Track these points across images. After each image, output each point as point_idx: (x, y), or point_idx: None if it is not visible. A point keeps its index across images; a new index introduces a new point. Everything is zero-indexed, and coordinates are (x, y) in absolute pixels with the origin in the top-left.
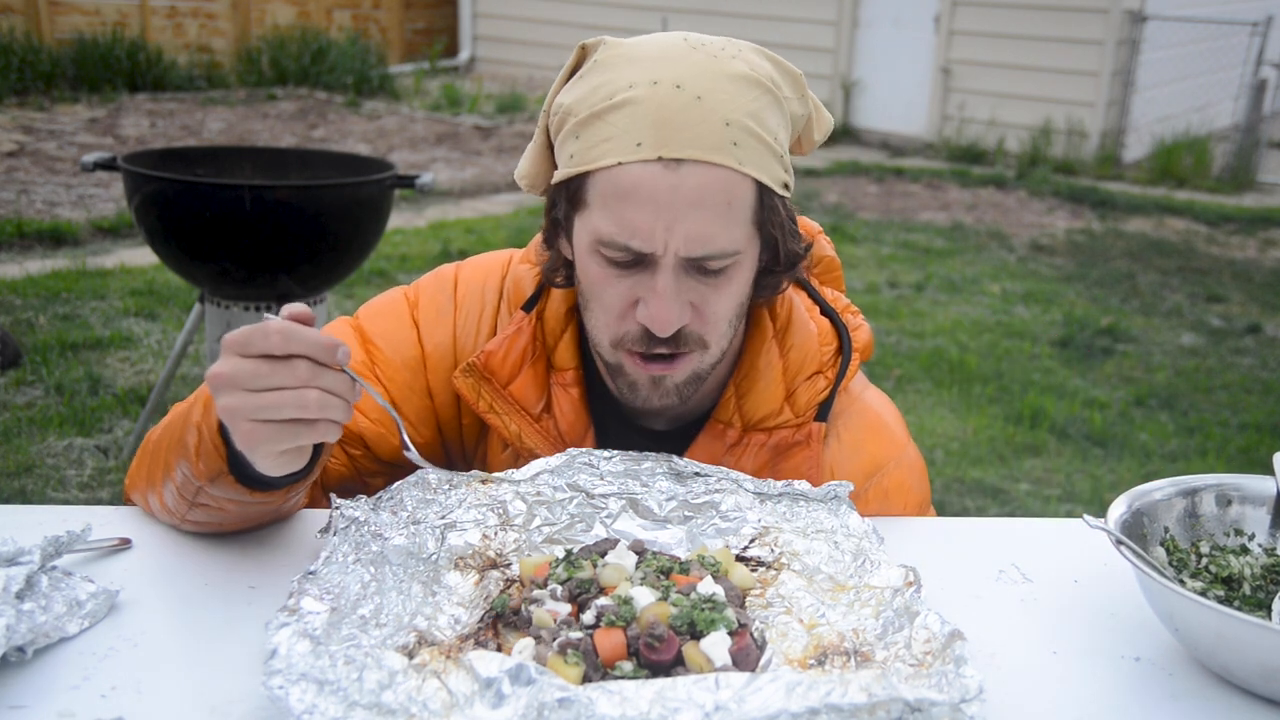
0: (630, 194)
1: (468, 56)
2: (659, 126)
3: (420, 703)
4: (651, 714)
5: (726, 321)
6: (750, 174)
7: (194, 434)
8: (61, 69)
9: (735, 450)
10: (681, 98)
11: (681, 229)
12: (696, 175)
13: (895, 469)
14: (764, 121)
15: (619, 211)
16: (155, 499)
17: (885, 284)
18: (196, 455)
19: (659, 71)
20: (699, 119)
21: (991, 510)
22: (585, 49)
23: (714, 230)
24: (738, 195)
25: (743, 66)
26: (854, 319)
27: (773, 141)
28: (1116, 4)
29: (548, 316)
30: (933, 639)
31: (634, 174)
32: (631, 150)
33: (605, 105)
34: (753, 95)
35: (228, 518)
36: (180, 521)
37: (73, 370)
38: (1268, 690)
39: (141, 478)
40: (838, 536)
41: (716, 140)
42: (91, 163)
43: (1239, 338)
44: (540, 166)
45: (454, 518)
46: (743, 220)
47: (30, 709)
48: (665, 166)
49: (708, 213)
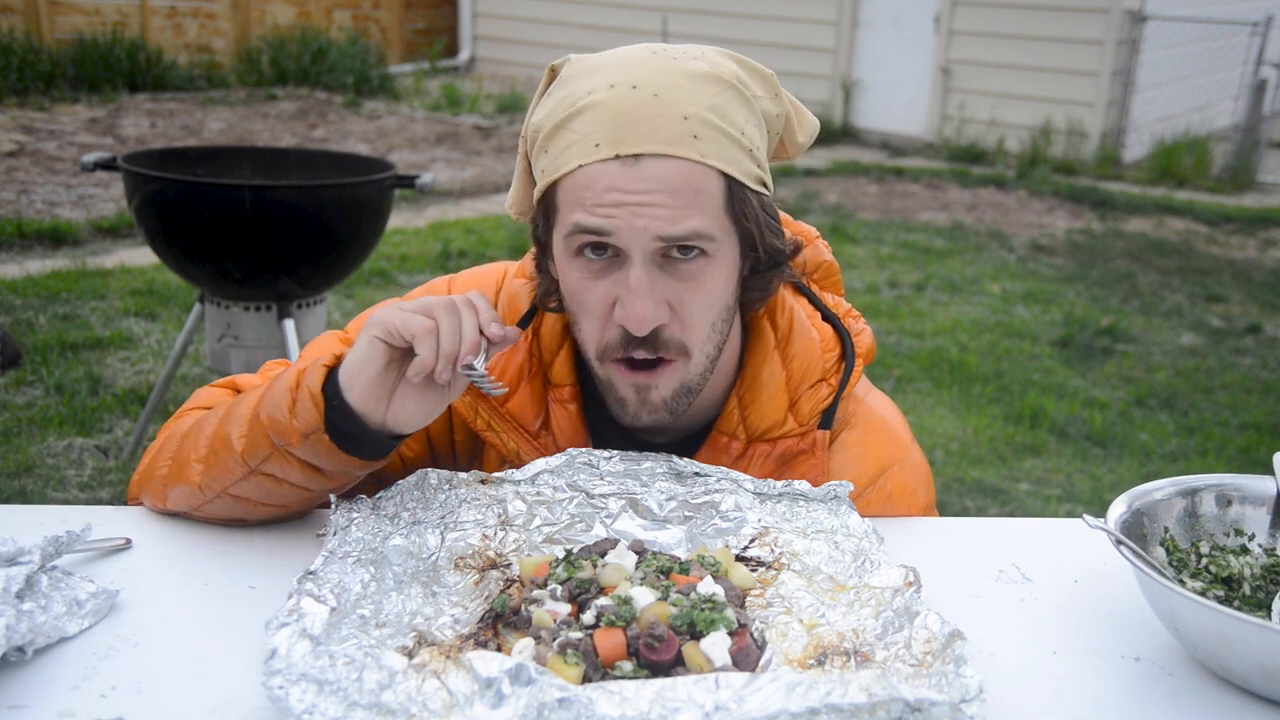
0: (591, 188)
1: (468, 56)
2: (615, 125)
3: (420, 703)
4: (651, 714)
5: (708, 324)
6: (714, 165)
7: (286, 397)
8: (61, 69)
9: (740, 462)
10: (637, 96)
11: (646, 215)
12: (656, 167)
13: (899, 472)
14: (727, 115)
15: (584, 204)
16: (182, 486)
17: (885, 284)
18: (291, 414)
19: (617, 75)
20: (655, 114)
21: (991, 510)
22: (554, 69)
23: (679, 214)
24: (704, 186)
25: (703, 65)
26: (856, 324)
27: (739, 135)
28: (1116, 4)
29: (544, 332)
30: (933, 639)
31: (593, 172)
32: (591, 151)
33: (566, 114)
34: (713, 90)
35: (279, 493)
36: (206, 502)
37: (73, 370)
38: (1268, 690)
39: (163, 464)
40: (838, 537)
41: (674, 133)
42: (91, 163)
43: (1239, 338)
44: (524, 191)
45: (454, 518)
46: (713, 210)
47: (30, 709)
48: (623, 164)
49: (672, 199)
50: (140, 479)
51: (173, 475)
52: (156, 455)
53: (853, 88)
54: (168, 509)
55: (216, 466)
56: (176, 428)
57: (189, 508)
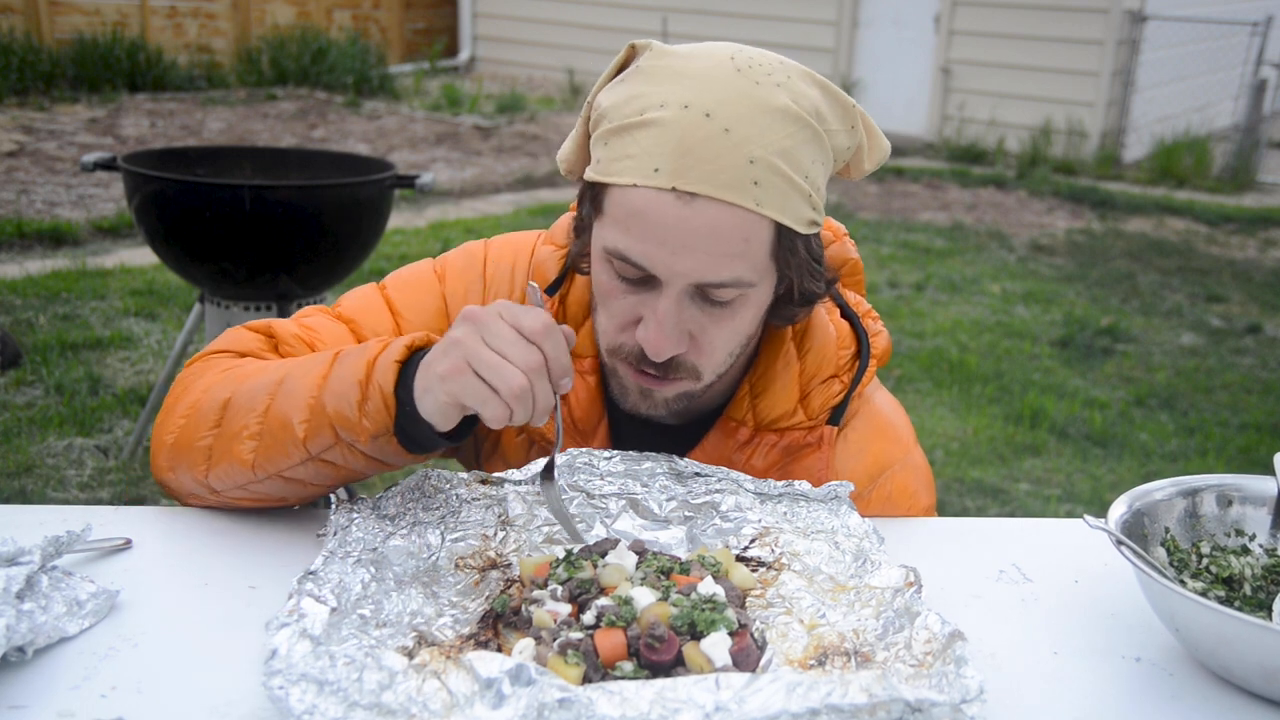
0: (640, 217)
1: (468, 56)
2: (679, 155)
3: (420, 703)
4: (652, 714)
5: (726, 354)
6: (768, 215)
7: (356, 391)
8: (61, 69)
9: (746, 449)
10: (708, 127)
11: (689, 259)
12: (710, 212)
13: (899, 472)
14: (795, 159)
15: (629, 231)
16: (233, 458)
17: (885, 284)
18: (360, 413)
19: (694, 94)
20: (721, 153)
21: (991, 510)
22: (634, 49)
23: (723, 263)
24: (753, 234)
25: (784, 98)
26: (874, 324)
27: (802, 181)
28: (1116, 4)
29: (570, 302)
30: (933, 639)
31: (646, 198)
32: (649, 175)
33: (634, 120)
34: (788, 131)
35: (334, 476)
36: (255, 481)
37: (73, 370)
38: (1268, 690)
39: (203, 438)
40: (838, 537)
41: (735, 178)
42: (91, 163)
43: (1239, 338)
44: (578, 155)
45: (454, 518)
46: (758, 257)
47: (30, 709)
48: (678, 198)
49: (718, 246)
50: (176, 447)
51: (220, 449)
52: (194, 421)
53: (853, 88)
54: (207, 484)
55: (274, 449)
56: (210, 391)
57: (233, 486)
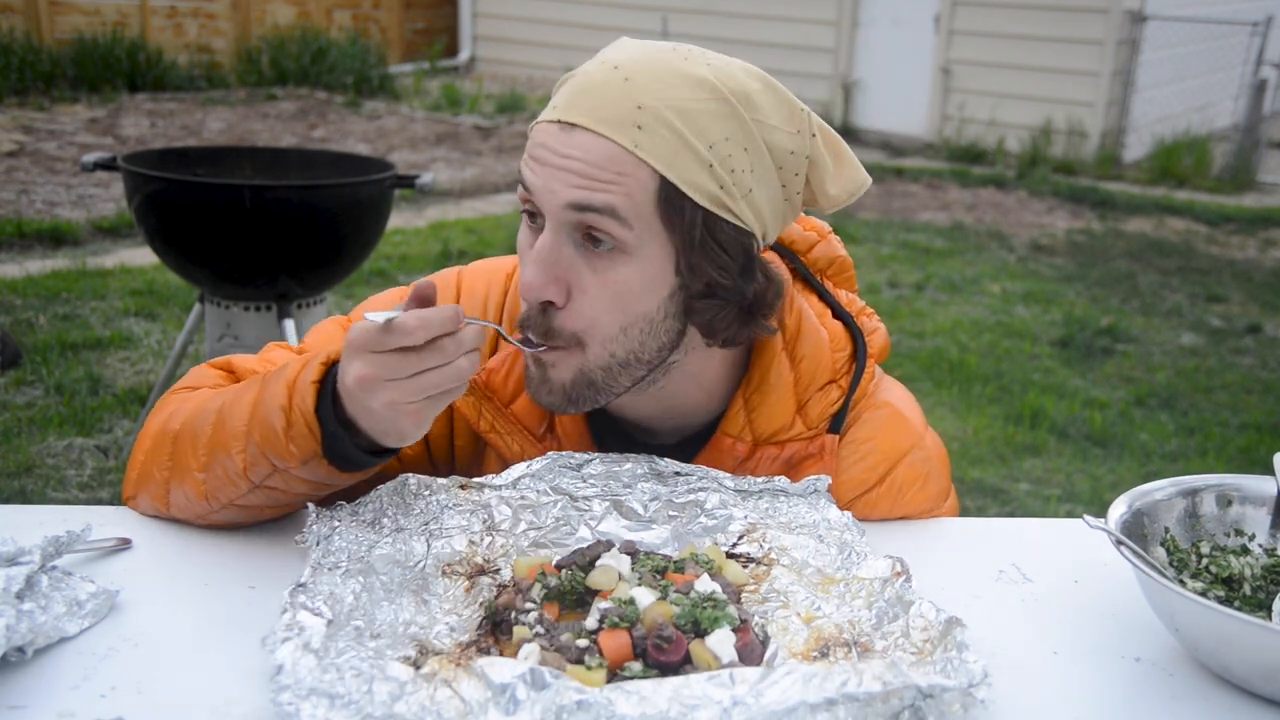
0: (531, 148)
1: (468, 56)
2: (574, 95)
3: (434, 712)
4: (671, 712)
5: (615, 326)
6: (645, 159)
7: (280, 417)
8: (61, 69)
9: (746, 465)
10: (610, 75)
11: (563, 178)
12: (585, 140)
13: (909, 461)
14: (695, 122)
15: (525, 162)
16: (185, 490)
17: (885, 284)
18: (287, 439)
19: (616, 56)
20: (610, 94)
21: (991, 510)
22: None
23: (596, 187)
24: (630, 173)
25: (704, 71)
26: (869, 321)
27: (702, 148)
28: (1116, 4)
29: None
30: (930, 627)
31: (538, 130)
32: (547, 113)
33: (564, 79)
34: (695, 95)
35: (286, 499)
36: (212, 511)
37: (73, 370)
38: (1268, 690)
39: (160, 470)
40: (820, 530)
41: (617, 115)
42: (91, 163)
43: (1239, 338)
44: None
45: (438, 524)
46: (636, 202)
47: (30, 709)
48: (562, 128)
49: (591, 170)
50: (139, 481)
51: (175, 482)
52: (153, 453)
53: (853, 88)
54: (170, 515)
55: (221, 480)
56: (168, 422)
57: (195, 515)
